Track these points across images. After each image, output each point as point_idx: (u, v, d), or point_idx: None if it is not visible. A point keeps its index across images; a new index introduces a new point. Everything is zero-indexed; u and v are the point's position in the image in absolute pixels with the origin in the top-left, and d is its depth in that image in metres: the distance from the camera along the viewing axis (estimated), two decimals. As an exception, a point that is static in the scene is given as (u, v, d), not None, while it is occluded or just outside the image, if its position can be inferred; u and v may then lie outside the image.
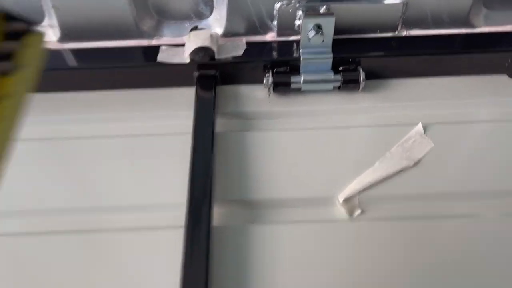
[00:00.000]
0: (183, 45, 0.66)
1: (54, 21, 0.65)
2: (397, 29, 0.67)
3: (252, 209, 0.56)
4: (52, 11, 0.64)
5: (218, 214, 0.54)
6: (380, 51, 0.66)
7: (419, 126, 0.62)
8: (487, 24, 0.68)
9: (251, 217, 0.55)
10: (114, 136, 0.62)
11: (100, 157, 0.61)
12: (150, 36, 0.68)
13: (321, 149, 0.61)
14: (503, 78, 0.68)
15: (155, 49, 0.67)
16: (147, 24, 0.67)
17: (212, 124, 0.60)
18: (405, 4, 0.65)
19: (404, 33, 0.68)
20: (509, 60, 0.66)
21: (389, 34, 0.68)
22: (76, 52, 0.67)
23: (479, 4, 0.67)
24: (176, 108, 0.65)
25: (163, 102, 0.66)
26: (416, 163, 0.58)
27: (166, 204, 0.55)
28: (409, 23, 0.67)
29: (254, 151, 0.60)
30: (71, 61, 0.67)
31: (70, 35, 0.67)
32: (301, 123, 0.64)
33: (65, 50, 0.67)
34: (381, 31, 0.68)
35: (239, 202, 0.56)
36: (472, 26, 0.68)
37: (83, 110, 0.65)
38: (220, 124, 0.63)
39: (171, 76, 0.67)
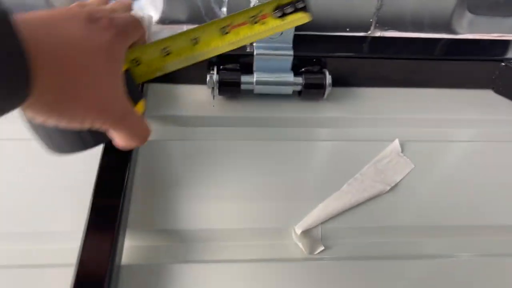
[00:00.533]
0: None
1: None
2: (370, 29, 0.57)
3: (176, 242, 0.41)
4: None
5: (130, 248, 0.40)
6: (350, 51, 0.55)
7: (396, 143, 0.50)
8: (471, 30, 0.59)
9: (175, 253, 0.41)
10: None
11: None
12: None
13: (275, 166, 0.48)
14: (488, 93, 0.58)
15: None
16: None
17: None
18: (380, 1, 0.54)
19: (378, 33, 0.58)
20: (496, 73, 0.57)
21: (361, 34, 0.57)
22: None
23: (462, 8, 0.58)
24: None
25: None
26: (392, 188, 0.46)
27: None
28: (384, 23, 0.57)
29: (187, 164, 0.47)
30: None
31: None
32: (251, 133, 0.51)
33: None
34: (351, 30, 0.57)
35: (161, 233, 0.42)
36: (454, 32, 0.59)
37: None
38: (156, 132, 0.49)
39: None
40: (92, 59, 0.29)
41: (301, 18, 0.43)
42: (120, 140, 0.33)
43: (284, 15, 0.43)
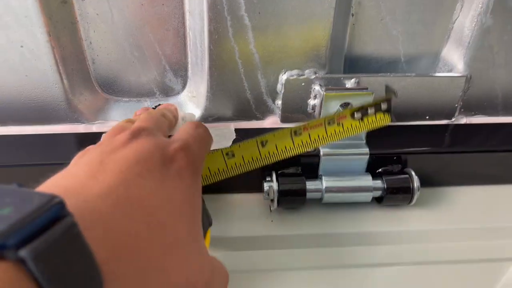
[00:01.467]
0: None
1: None
2: (454, 115, 0.47)
3: None
4: None
5: None
6: (433, 145, 0.45)
7: (521, 266, 0.38)
8: None
9: None
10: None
11: None
12: (88, 119, 0.45)
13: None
14: None
15: (96, 139, 0.43)
16: (85, 102, 0.45)
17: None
18: (468, 79, 0.45)
19: (464, 120, 0.47)
20: None
21: (444, 122, 0.47)
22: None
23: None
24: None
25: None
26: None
27: None
28: (471, 107, 0.47)
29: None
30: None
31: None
32: (321, 257, 0.39)
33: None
34: (431, 118, 0.47)
35: None
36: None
37: None
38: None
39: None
40: (173, 232, 0.23)
41: (381, 120, 0.36)
42: None
43: (364, 115, 0.35)
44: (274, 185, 0.41)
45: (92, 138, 0.44)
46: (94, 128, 0.45)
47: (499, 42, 0.43)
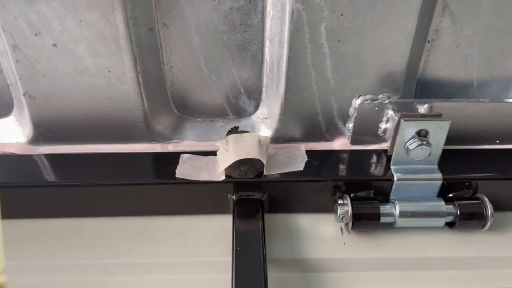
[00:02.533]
0: (214, 153, 0.44)
1: (25, 115, 0.44)
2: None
3: None
4: (23, 100, 0.43)
5: None
6: (503, 170, 0.45)
7: None
8: None
9: None
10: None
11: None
12: (165, 138, 0.47)
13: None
14: None
15: (172, 158, 0.45)
16: (163, 123, 0.46)
17: (263, 280, 0.36)
18: (542, 106, 0.44)
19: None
20: None
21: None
22: (55, 159, 0.45)
23: None
24: (205, 252, 0.41)
25: (183, 235, 0.43)
26: None
27: None
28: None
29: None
30: (48, 173, 0.45)
31: (46, 135, 0.45)
32: (399, 279, 0.40)
33: (38, 155, 0.46)
34: (501, 142, 0.47)
35: None
36: None
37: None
38: (272, 278, 0.39)
39: (196, 199, 0.44)
40: None
41: None
42: None
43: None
44: (349, 208, 0.41)
45: (168, 156, 0.46)
46: (169, 147, 0.47)
47: None
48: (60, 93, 0.42)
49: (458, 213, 0.42)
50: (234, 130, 0.47)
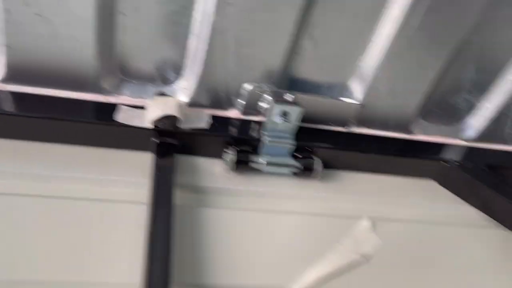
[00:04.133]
0: (143, 107, 0.63)
1: (2, 59, 0.58)
2: (348, 125, 0.72)
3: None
4: (3, 49, 0.57)
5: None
6: (334, 143, 0.70)
7: (367, 221, 0.65)
8: (424, 133, 0.76)
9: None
10: (56, 197, 0.55)
11: (37, 219, 0.53)
12: (108, 92, 0.64)
13: (276, 234, 0.60)
14: (433, 183, 0.75)
15: (112, 107, 0.63)
16: (108, 81, 0.63)
17: (172, 197, 0.57)
18: (361, 106, 0.70)
19: (356, 130, 0.73)
20: (437, 167, 0.74)
21: (343, 129, 0.73)
22: (21, 96, 0.60)
23: (418, 116, 0.76)
24: (130, 174, 0.60)
25: (114, 164, 0.61)
26: (367, 259, 0.61)
27: (119, 284, 0.49)
28: (361, 122, 0.73)
29: (211, 229, 0.58)
30: (12, 105, 0.59)
31: (17, 77, 0.60)
32: (259, 205, 0.63)
33: (7, 92, 0.60)
34: (334, 124, 0.72)
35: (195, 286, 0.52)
36: (411, 132, 0.76)
37: (22, 163, 0.57)
38: (178, 197, 0.59)
39: (126, 138, 0.62)
40: None
41: None
42: None
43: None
44: (233, 156, 0.63)
45: (109, 105, 0.63)
46: (111, 99, 0.64)
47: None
48: (34, 49, 0.57)
49: (302, 166, 0.66)
50: (161, 93, 0.65)
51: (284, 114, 0.64)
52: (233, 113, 0.68)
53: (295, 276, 0.55)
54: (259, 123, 0.68)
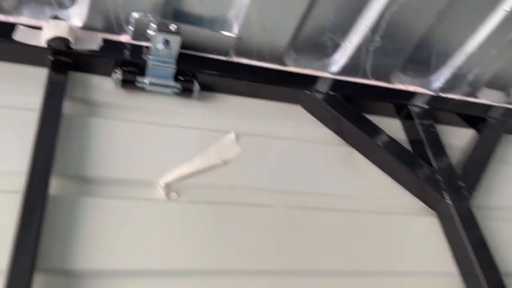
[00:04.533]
0: (40, 28, 0.72)
1: None
2: (229, 55, 0.85)
3: (87, 184, 0.66)
4: None
5: (56, 185, 0.63)
6: (214, 69, 0.83)
7: (232, 135, 0.79)
8: (295, 65, 0.90)
9: (84, 191, 0.65)
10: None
11: None
12: (8, 12, 0.72)
13: (154, 142, 0.74)
14: (299, 108, 0.91)
15: (10, 26, 0.71)
16: (8, 1, 0.71)
17: (61, 106, 0.68)
18: (237, 38, 0.82)
19: (235, 59, 0.86)
20: (303, 96, 0.89)
21: (223, 58, 0.85)
22: None
23: (290, 49, 0.89)
24: (25, 85, 0.70)
25: (11, 76, 0.71)
26: (226, 163, 0.76)
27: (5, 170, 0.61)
28: (239, 52, 0.85)
29: (96, 134, 0.70)
30: None
31: None
32: (142, 118, 0.76)
33: None
34: (216, 54, 0.84)
35: (76, 177, 0.66)
36: (285, 64, 0.90)
37: None
38: (69, 107, 0.71)
39: (24, 54, 0.72)
40: None
41: None
42: None
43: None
44: (119, 75, 0.74)
45: (9, 24, 0.71)
46: (10, 19, 0.72)
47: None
48: None
49: (181, 87, 0.78)
50: (55, 17, 0.74)
51: (166, 42, 0.76)
52: (124, 38, 0.79)
53: (165, 173, 0.70)
54: (147, 47, 0.79)
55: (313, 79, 0.91)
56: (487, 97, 1.05)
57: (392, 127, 0.96)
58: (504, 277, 0.74)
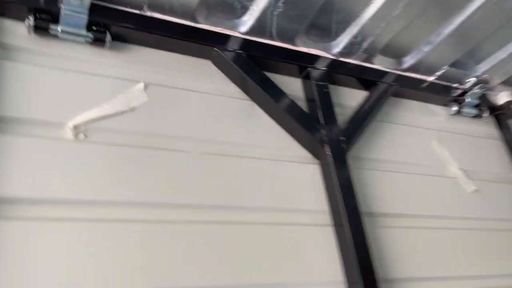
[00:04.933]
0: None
1: None
2: (143, 9, 0.91)
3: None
4: None
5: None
6: (127, 22, 0.89)
7: (141, 84, 0.87)
8: (206, 22, 0.98)
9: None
10: None
11: None
12: None
13: (66, 88, 0.81)
14: (209, 63, 0.99)
15: None
16: None
17: None
18: (148, -6, 0.88)
19: (148, 13, 0.92)
20: (213, 52, 0.97)
21: (138, 11, 0.91)
22: None
23: (202, 6, 0.96)
24: None
25: None
26: (132, 110, 0.84)
27: None
28: (152, 7, 0.91)
29: (8, 76, 0.76)
30: None
31: None
32: (53, 63, 0.82)
33: None
34: (130, 7, 0.90)
35: None
36: (197, 22, 0.97)
37: None
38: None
39: None
40: None
41: None
42: None
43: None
44: (31, 21, 0.79)
45: None
46: None
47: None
48: None
49: (93, 37, 0.84)
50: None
51: (77, -6, 0.81)
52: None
53: (74, 116, 0.78)
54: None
55: (223, 37, 1.00)
56: (382, 64, 1.18)
57: (294, 86, 1.08)
58: (364, 216, 0.90)
